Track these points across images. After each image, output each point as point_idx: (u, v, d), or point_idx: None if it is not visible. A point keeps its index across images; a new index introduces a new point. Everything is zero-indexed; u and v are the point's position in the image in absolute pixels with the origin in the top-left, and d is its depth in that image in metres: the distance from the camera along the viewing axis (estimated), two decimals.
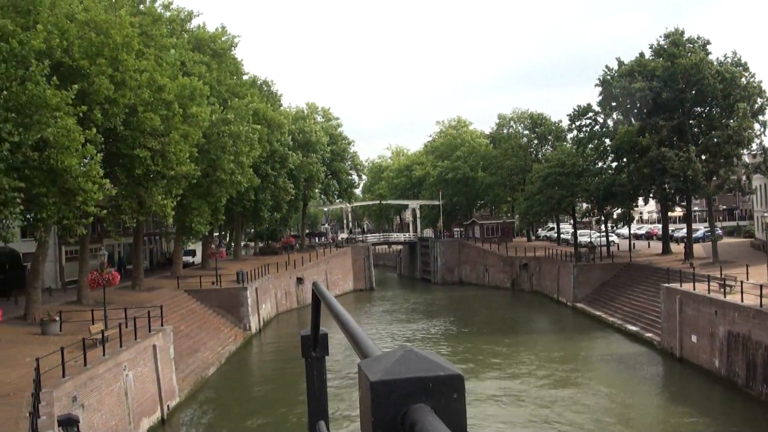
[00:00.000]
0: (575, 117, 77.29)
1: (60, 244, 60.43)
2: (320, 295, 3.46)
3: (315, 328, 4.00)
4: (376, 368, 1.72)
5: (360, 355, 2.09)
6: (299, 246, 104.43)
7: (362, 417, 1.74)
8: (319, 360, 4.13)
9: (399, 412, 1.64)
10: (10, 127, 30.48)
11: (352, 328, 2.45)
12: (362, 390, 1.73)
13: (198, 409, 40.97)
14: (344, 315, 2.67)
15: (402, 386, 1.65)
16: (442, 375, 1.67)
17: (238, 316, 60.23)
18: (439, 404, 1.65)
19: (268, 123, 75.18)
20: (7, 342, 34.07)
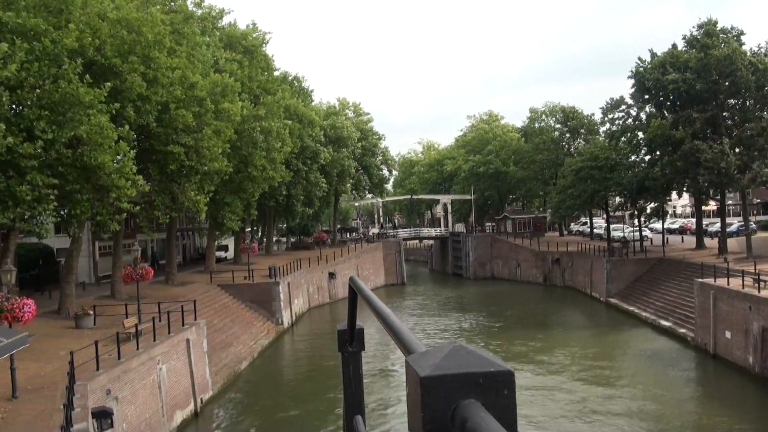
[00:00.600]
0: (608, 110, 76.67)
1: (93, 239, 61.16)
2: (358, 289, 3.47)
3: (351, 322, 4.03)
4: (425, 363, 1.69)
5: (403, 350, 2.08)
6: (331, 241, 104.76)
7: (410, 413, 1.73)
8: (355, 355, 4.14)
9: (449, 407, 1.62)
10: (44, 124, 30.90)
11: (393, 323, 2.42)
12: (411, 385, 1.72)
13: (231, 402, 41.37)
14: (384, 310, 2.67)
15: (452, 382, 1.63)
16: (492, 371, 1.65)
17: (271, 311, 60.62)
18: (489, 400, 1.63)
19: (299, 118, 75.68)
20: (42, 336, 34.56)
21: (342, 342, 4.16)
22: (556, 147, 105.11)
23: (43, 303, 42.63)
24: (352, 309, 3.98)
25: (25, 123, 30.91)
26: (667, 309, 58.09)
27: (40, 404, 23.84)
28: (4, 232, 38.87)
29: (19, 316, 24.88)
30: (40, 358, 30.18)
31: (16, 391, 24.50)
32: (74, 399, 23.37)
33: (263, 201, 74.84)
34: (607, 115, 77.27)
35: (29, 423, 21.81)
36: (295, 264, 70.27)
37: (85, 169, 34.67)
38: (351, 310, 3.99)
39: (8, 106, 29.85)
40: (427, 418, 1.62)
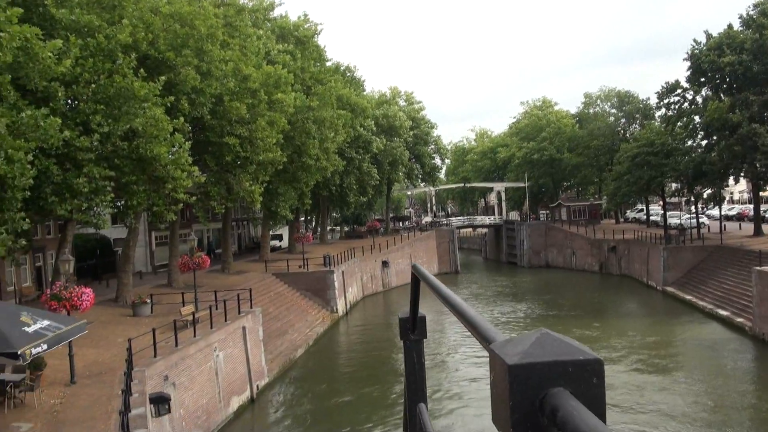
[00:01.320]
0: (663, 94, 75.15)
1: (150, 229, 62.29)
2: (422, 277, 3.45)
3: (414, 310, 4.07)
4: (512, 351, 1.68)
5: (480, 339, 2.05)
6: (384, 230, 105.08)
7: (496, 401, 1.72)
8: (418, 342, 4.19)
9: (537, 396, 1.61)
10: (100, 118, 31.58)
11: (466, 311, 2.39)
12: (496, 373, 1.71)
13: (286, 388, 41.86)
14: (454, 298, 2.64)
15: (541, 370, 1.62)
16: (582, 359, 1.64)
17: (325, 299, 61.12)
18: (578, 389, 1.61)
19: (351, 108, 76.01)
20: (100, 323, 35.35)
21: (404, 330, 4.17)
22: (612, 133, 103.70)
23: (101, 292, 43.55)
24: (415, 297, 4.00)
25: (81, 117, 31.63)
26: (724, 298, 57.12)
27: (99, 389, 24.51)
28: (62, 223, 39.80)
29: (77, 305, 25.57)
30: (98, 345, 30.94)
31: (75, 377, 25.25)
32: (132, 385, 23.95)
33: (317, 190, 75.52)
34: (663, 99, 75.80)
35: (87, 407, 22.46)
36: (348, 253, 70.65)
37: (141, 160, 35.36)
38: (413, 297, 4.01)
39: (64, 101, 30.60)
40: (515, 407, 1.62)
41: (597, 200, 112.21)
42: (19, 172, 24.44)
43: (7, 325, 18.92)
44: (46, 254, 49.33)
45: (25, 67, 25.43)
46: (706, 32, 69.79)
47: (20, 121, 24.96)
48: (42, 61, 25.54)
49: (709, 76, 68.68)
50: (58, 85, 29.33)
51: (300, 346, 49.45)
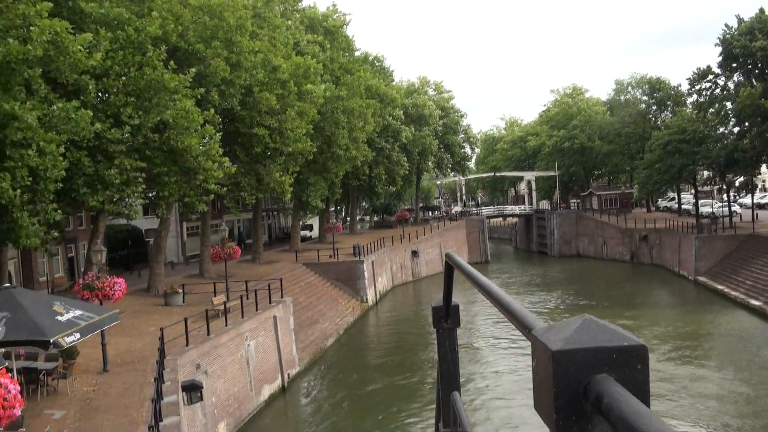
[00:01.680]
0: (695, 80, 74.19)
1: (181, 220, 62.84)
2: (457, 266, 3.42)
3: (447, 299, 4.06)
4: (556, 337, 1.67)
5: (520, 326, 2.03)
6: (413, 219, 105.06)
7: (538, 388, 1.72)
8: (451, 331, 4.19)
9: (581, 382, 1.60)
10: (130, 110, 31.88)
11: (503, 298, 2.36)
12: (539, 360, 1.70)
13: (317, 377, 42.13)
14: (491, 286, 2.59)
15: (585, 356, 1.61)
16: (626, 345, 1.62)
17: (355, 289, 61.35)
18: (622, 375, 1.60)
19: (380, 98, 76.04)
20: (133, 313, 35.79)
21: (437, 318, 4.17)
22: (643, 120, 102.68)
23: (133, 282, 44.06)
24: (448, 285, 3.99)
25: (111, 109, 31.94)
26: (757, 288, 56.55)
27: (131, 378, 24.86)
28: (94, 214, 40.27)
29: (109, 294, 25.91)
30: (130, 334, 31.33)
31: (107, 365, 25.63)
32: (165, 373, 24.23)
33: (346, 180, 75.74)
34: (694, 85, 74.89)
35: (120, 395, 22.81)
36: (378, 243, 70.76)
37: (172, 152, 35.69)
38: (447, 286, 4.00)
39: (95, 94, 30.91)
40: (558, 393, 1.61)
41: (628, 189, 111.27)
42: (51, 164, 24.77)
43: (41, 314, 19.23)
44: (78, 245, 49.95)
45: (56, 61, 25.73)
46: (738, 17, 68.93)
47: (51, 113, 25.29)
48: (72, 54, 25.82)
49: (740, 62, 67.79)
50: (88, 78, 29.63)
51: (330, 335, 49.70)
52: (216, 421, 29.64)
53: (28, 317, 18.81)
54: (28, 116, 23.06)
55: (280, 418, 35.65)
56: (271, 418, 34.99)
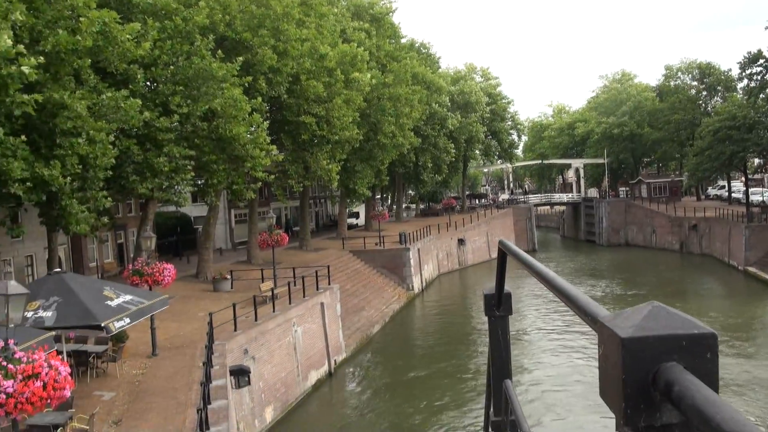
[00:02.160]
0: (745, 64, 72.57)
1: (229, 207, 63.46)
2: (514, 254, 3.38)
3: (500, 287, 4.06)
4: (625, 324, 1.66)
5: (582, 313, 2.01)
6: (460, 207, 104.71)
7: (605, 376, 1.72)
8: (503, 319, 4.20)
9: (650, 370, 1.59)
10: (179, 99, 32.33)
11: (564, 286, 2.36)
12: (608, 347, 1.69)
13: (363, 364, 42.38)
14: (550, 273, 2.57)
15: (655, 343, 1.59)
16: (696, 333, 1.60)
17: (401, 276, 61.44)
18: (691, 363, 1.58)
19: (427, 85, 75.91)
20: (182, 298, 36.34)
21: (489, 306, 4.20)
22: (693, 106, 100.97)
23: (182, 268, 44.65)
24: (501, 273, 3.97)
25: (160, 98, 32.42)
26: None
27: (180, 361, 25.30)
28: (144, 201, 40.84)
29: (159, 280, 26.37)
30: (179, 319, 31.84)
31: (156, 349, 26.11)
32: (213, 357, 24.62)
33: (393, 168, 75.79)
34: (745, 69, 73.50)
35: (169, 378, 23.24)
36: (424, 230, 70.66)
37: (221, 140, 36.13)
38: (499, 273, 3.99)
39: (144, 83, 31.38)
40: (627, 381, 1.60)
41: (678, 177, 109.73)
42: (100, 152, 25.22)
43: (91, 299, 19.64)
44: (128, 231, 50.76)
45: (105, 51, 26.15)
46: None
47: (101, 103, 25.73)
48: (121, 44, 26.23)
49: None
50: (137, 68, 30.10)
51: (376, 322, 49.92)
52: (263, 405, 30.03)
53: (79, 302, 19.23)
54: (78, 105, 23.49)
55: (326, 404, 35.96)
56: (318, 403, 35.32)
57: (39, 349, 12.49)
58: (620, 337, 1.60)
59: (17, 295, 11.66)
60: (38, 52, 20.49)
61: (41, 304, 18.96)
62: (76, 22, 24.24)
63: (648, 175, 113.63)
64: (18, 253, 38.17)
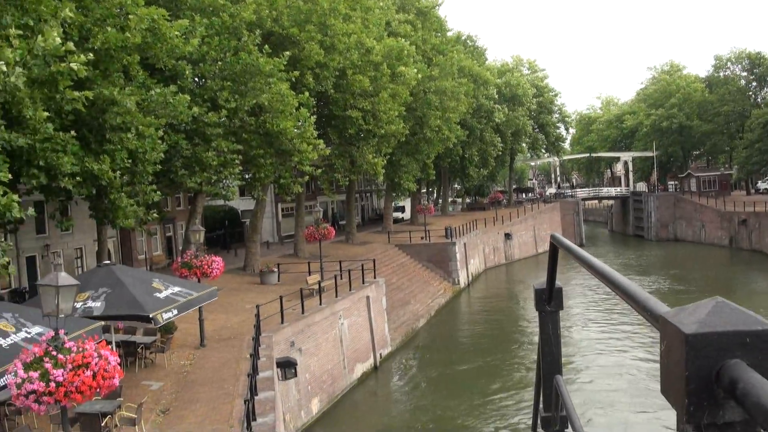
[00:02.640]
0: None
1: (276, 201, 63.92)
2: (567, 248, 3.33)
3: (551, 281, 4.00)
4: (689, 320, 1.62)
5: (641, 308, 1.95)
6: (506, 201, 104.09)
7: (667, 372, 1.68)
8: (554, 314, 4.16)
9: (714, 367, 1.56)
10: (227, 94, 32.78)
11: (622, 281, 2.29)
12: (670, 343, 1.66)
13: (408, 357, 42.47)
14: (606, 268, 2.51)
15: (719, 340, 1.56)
16: (761, 329, 1.56)
17: (447, 271, 61.35)
18: (755, 361, 1.54)
19: (473, 78, 75.65)
20: (229, 290, 36.75)
21: (540, 301, 4.14)
22: (743, 97, 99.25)
23: (230, 260, 45.13)
24: (552, 267, 3.93)
25: (208, 94, 32.90)
26: None
27: (227, 353, 25.66)
28: (192, 195, 41.42)
29: (207, 272, 26.77)
30: (227, 311, 32.24)
31: (204, 341, 26.51)
32: (260, 349, 24.90)
33: (439, 162, 75.68)
34: None
35: (216, 369, 23.58)
36: (470, 225, 70.43)
37: (268, 135, 36.49)
38: (551, 268, 3.94)
39: (192, 79, 31.85)
40: (690, 378, 1.57)
41: (727, 170, 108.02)
42: (150, 146, 25.63)
43: (140, 290, 20.03)
44: (176, 225, 51.48)
45: (154, 47, 26.58)
46: None
47: (150, 98, 26.15)
48: (169, 40, 26.62)
49: None
50: (185, 64, 30.55)
51: (422, 316, 50.00)
52: (309, 397, 30.29)
53: (128, 293, 19.62)
54: (127, 101, 23.90)
55: (372, 397, 36.13)
56: (363, 395, 35.51)
57: (89, 339, 12.80)
58: (684, 333, 1.58)
59: (67, 286, 11.95)
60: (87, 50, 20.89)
61: (90, 295, 19.38)
62: (124, 19, 24.66)
63: (697, 169, 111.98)
64: (67, 246, 39.02)
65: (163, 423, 18.85)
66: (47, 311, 11.95)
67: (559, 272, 3.97)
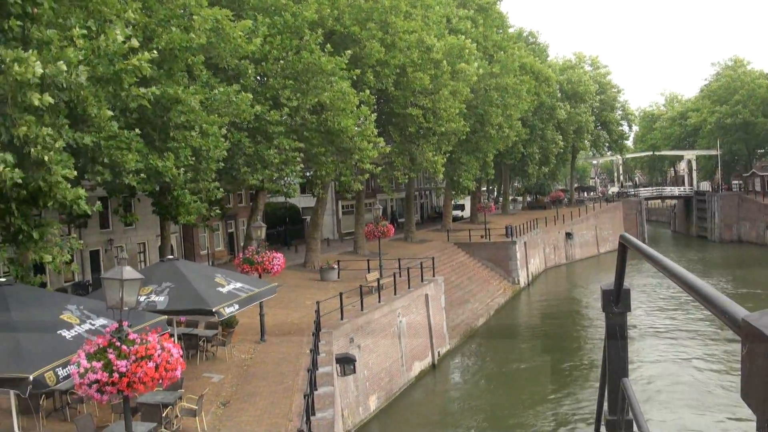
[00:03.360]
0: None
1: (337, 198, 64.27)
2: (637, 248, 3.25)
3: (619, 282, 3.93)
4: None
5: (720, 311, 1.90)
6: (568, 200, 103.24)
7: (749, 376, 1.65)
8: (621, 316, 4.08)
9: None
10: (289, 93, 33.20)
11: (698, 283, 2.20)
12: (753, 348, 1.61)
13: (466, 356, 42.44)
14: (679, 269, 2.43)
15: None
16: None
17: (507, 270, 61.02)
18: None
19: (535, 75, 75.09)
20: (290, 286, 37.08)
21: (607, 302, 4.04)
22: None
23: (290, 257, 45.55)
24: (621, 268, 3.87)
25: (270, 92, 33.36)
26: None
27: (287, 348, 25.97)
28: (254, 192, 41.94)
29: (269, 268, 27.10)
30: (287, 307, 32.59)
31: (264, 335, 26.86)
32: (320, 345, 25.17)
33: (499, 160, 75.31)
34: None
35: (276, 363, 23.91)
36: (531, 223, 69.90)
37: (329, 133, 36.81)
38: (620, 268, 3.88)
39: (254, 78, 32.32)
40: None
41: None
42: (213, 144, 26.06)
43: (203, 285, 20.38)
44: (238, 221, 52.14)
45: (217, 48, 27.06)
46: None
47: (213, 97, 26.62)
48: (233, 40, 27.08)
49: None
50: (248, 63, 31.04)
51: (481, 315, 49.87)
52: (367, 393, 30.47)
53: (191, 288, 19.98)
54: (191, 100, 24.35)
55: (429, 395, 36.17)
56: (421, 394, 35.54)
57: (152, 332, 13.11)
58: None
59: (132, 280, 12.25)
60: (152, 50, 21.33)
61: (154, 289, 19.78)
62: (188, 20, 25.12)
63: (762, 168, 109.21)
64: (130, 241, 39.87)
65: (223, 415, 19.18)
66: (111, 304, 12.26)
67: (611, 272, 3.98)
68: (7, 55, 15.07)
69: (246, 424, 18.56)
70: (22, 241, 18.58)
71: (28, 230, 18.34)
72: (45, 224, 19.12)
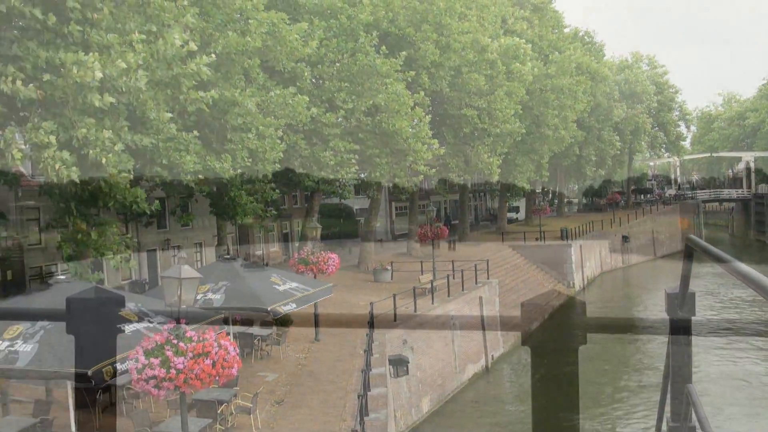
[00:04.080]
0: None
1: (390, 200, 64.41)
2: (705, 250, 3.24)
3: (684, 285, 3.95)
4: None
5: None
6: (624, 203, 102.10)
7: None
8: (686, 320, 4.05)
9: None
10: (344, 95, 33.46)
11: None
12: None
13: (520, 360, 42.17)
14: (752, 272, 2.37)
15: None
16: None
17: (562, 273, 60.51)
18: None
19: (591, 75, 74.37)
20: (344, 287, 37.23)
21: (671, 306, 4.03)
22: None
23: (344, 258, 45.63)
24: (687, 271, 3.90)
25: (326, 95, 33.66)
26: None
27: (341, 348, 26.17)
28: (309, 193, 42.30)
29: (323, 269, 27.38)
30: (341, 307, 32.69)
31: (319, 335, 27.09)
32: (373, 345, 25.34)
33: (555, 161, 74.78)
34: None
35: (330, 363, 24.11)
36: (586, 226, 69.22)
37: (384, 134, 36.92)
38: (685, 272, 3.90)
39: (310, 80, 32.60)
40: None
41: None
42: (269, 146, 26.31)
43: (259, 284, 20.64)
44: (293, 222, 52.50)
45: (273, 51, 27.32)
46: None
47: (269, 100, 26.90)
48: (289, 43, 27.32)
49: None
50: (304, 66, 31.33)
51: (535, 319, 49.53)
52: (420, 395, 30.49)
53: (247, 286, 20.26)
54: (248, 102, 24.64)
55: (481, 398, 35.96)
56: (473, 397, 35.42)
57: (209, 330, 13.34)
58: None
59: (190, 279, 12.49)
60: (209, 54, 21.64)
61: (211, 288, 20.08)
62: (245, 24, 25.42)
63: None
64: (187, 240, 40.38)
65: (278, 413, 19.39)
66: (169, 302, 12.51)
67: (673, 273, 3.95)
68: (67, 58, 15.39)
69: (300, 422, 18.75)
70: (81, 239, 18.98)
71: (88, 229, 18.73)
72: (104, 223, 19.51)
